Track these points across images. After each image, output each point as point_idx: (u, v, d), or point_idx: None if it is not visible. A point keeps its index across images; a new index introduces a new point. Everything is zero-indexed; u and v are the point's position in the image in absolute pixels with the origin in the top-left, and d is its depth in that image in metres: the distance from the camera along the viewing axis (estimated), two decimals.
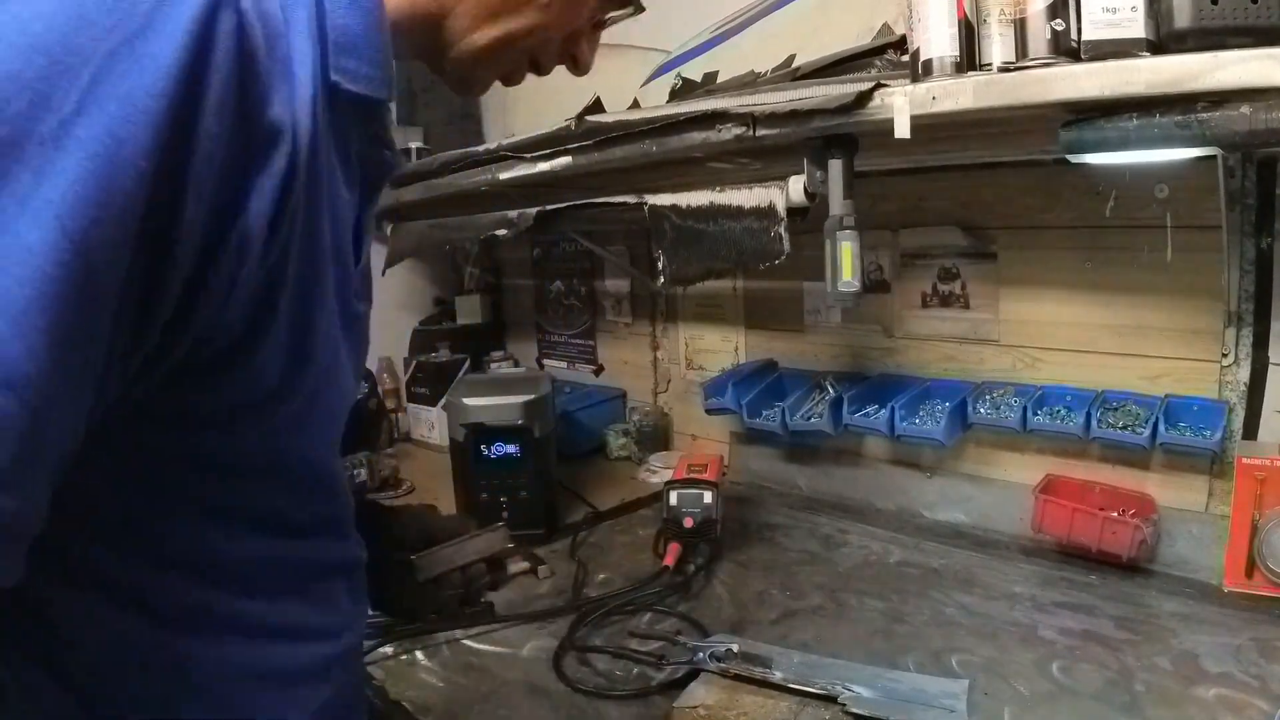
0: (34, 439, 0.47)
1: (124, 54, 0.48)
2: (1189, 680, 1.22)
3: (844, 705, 1.09)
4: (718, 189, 1.45)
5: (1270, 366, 1.44)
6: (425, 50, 0.78)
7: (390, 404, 2.74)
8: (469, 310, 2.99)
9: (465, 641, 1.45)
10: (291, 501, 0.72)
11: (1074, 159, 1.02)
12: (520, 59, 0.82)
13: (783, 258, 1.38)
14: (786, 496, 2.11)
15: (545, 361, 2.92)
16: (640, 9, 0.90)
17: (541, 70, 0.85)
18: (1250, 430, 1.48)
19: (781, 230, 1.37)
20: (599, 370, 2.73)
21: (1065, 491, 1.65)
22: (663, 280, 1.59)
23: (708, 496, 1.71)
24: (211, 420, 0.62)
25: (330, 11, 0.63)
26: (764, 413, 1.98)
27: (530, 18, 0.77)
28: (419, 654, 1.41)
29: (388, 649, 1.41)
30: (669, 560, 1.64)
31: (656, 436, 2.49)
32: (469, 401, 1.84)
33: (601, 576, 1.69)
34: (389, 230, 2.50)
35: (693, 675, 1.22)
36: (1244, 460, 1.42)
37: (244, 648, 0.70)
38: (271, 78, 0.55)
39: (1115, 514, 1.55)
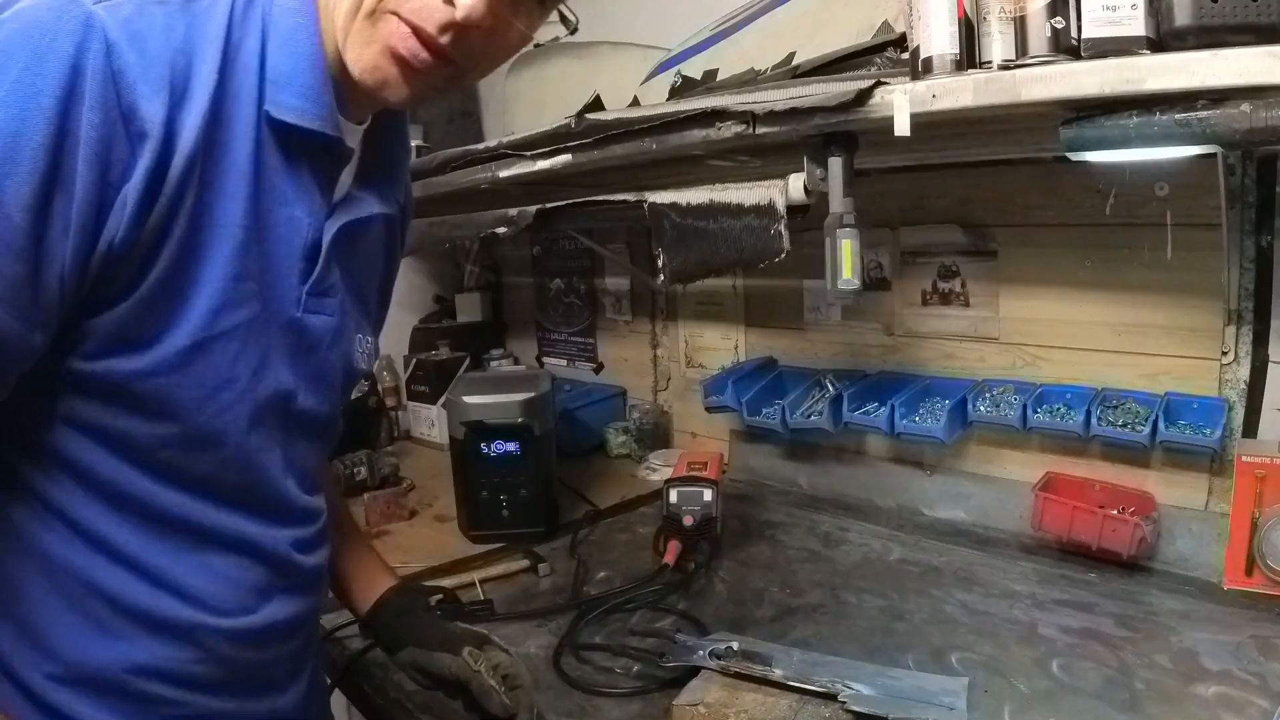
0: None
1: (21, 79, 0.66)
2: (1189, 678, 1.21)
3: (844, 703, 1.08)
4: (718, 187, 1.45)
5: (1270, 364, 1.44)
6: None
7: (390, 402, 2.74)
8: (469, 308, 2.99)
9: None
10: (192, 461, 0.83)
11: (1074, 157, 1.02)
12: (388, 24, 0.81)
13: (783, 255, 1.37)
14: (786, 494, 2.11)
15: (545, 359, 2.92)
16: None
17: (422, 31, 0.81)
18: (1250, 428, 1.48)
19: (781, 228, 1.37)
20: (599, 368, 2.73)
21: (1065, 489, 1.65)
22: (663, 278, 1.58)
23: (708, 494, 1.71)
24: (105, 352, 0.76)
25: (270, 53, 0.81)
26: (764, 410, 1.98)
27: None
28: None
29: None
30: (669, 558, 1.64)
31: (656, 434, 2.49)
32: (468, 399, 1.84)
33: (601, 574, 1.69)
34: None
35: (692, 673, 1.22)
36: (1244, 458, 1.42)
37: (108, 573, 0.82)
38: (137, 96, 0.71)
39: (1115, 512, 1.55)
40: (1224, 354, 1.49)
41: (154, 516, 0.82)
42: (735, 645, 1.21)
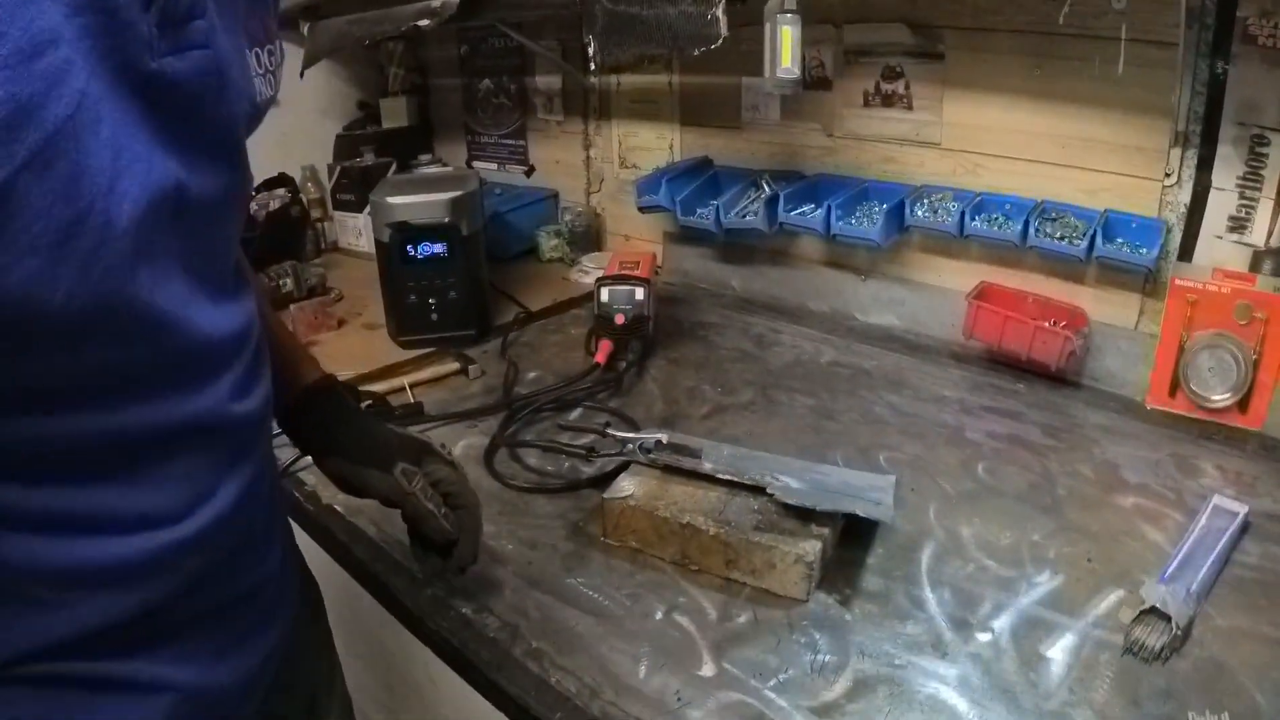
0: None
1: None
2: (1109, 488, 1.26)
3: (772, 495, 1.09)
4: None
5: (1212, 190, 1.42)
6: None
7: (316, 213, 2.63)
8: (394, 113, 2.84)
9: None
10: (53, 361, 0.55)
11: None
12: None
13: (720, 41, 1.31)
14: (720, 297, 2.10)
15: (475, 163, 2.81)
16: None
17: None
18: (1186, 252, 1.47)
19: (719, 12, 1.30)
20: (530, 171, 2.64)
21: (999, 299, 1.65)
22: (593, 67, 1.51)
23: (639, 293, 1.69)
24: None
25: None
26: (698, 210, 1.93)
27: None
28: None
29: None
30: (600, 357, 1.63)
31: (589, 237, 2.45)
32: (393, 200, 1.76)
33: (532, 375, 1.68)
34: (305, 30, 2.34)
35: (623, 468, 1.22)
36: (1178, 281, 1.43)
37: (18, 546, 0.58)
38: None
39: (1047, 324, 1.56)
40: (1167, 175, 1.47)
41: (35, 455, 0.58)
42: (664, 439, 1.20)
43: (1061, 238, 1.53)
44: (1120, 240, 1.50)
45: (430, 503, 0.95)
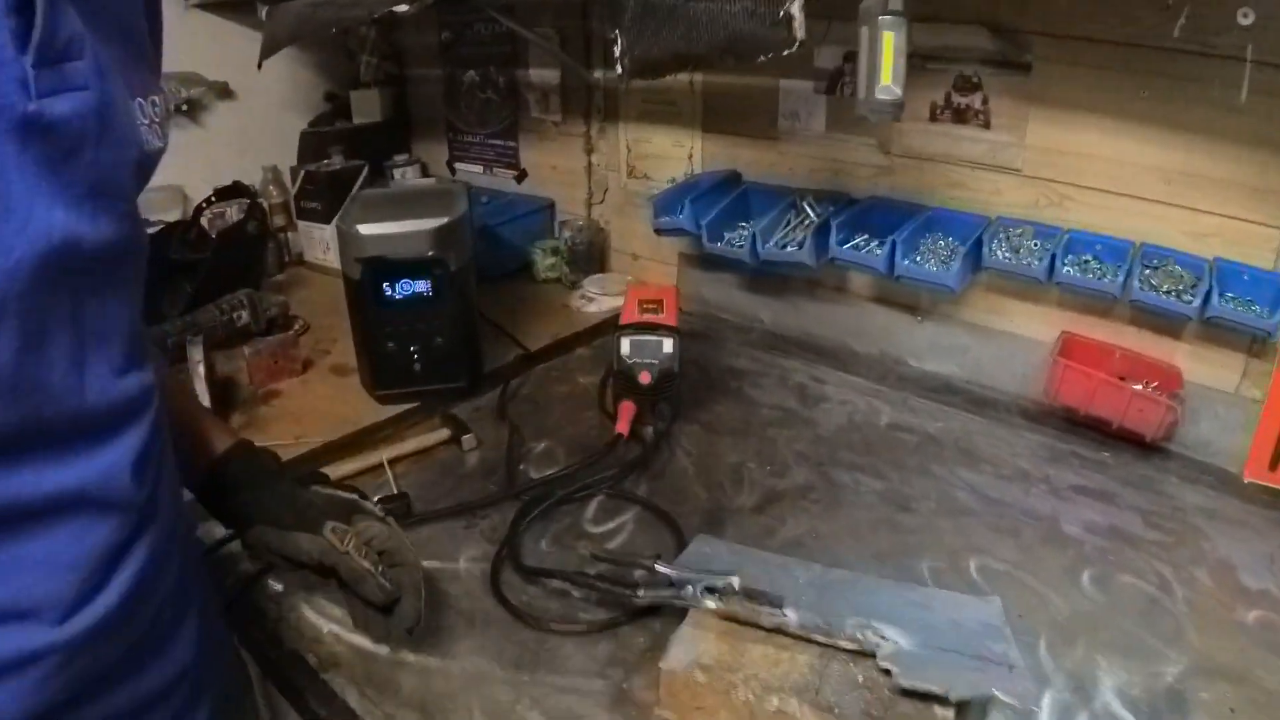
0: None
1: None
2: (1229, 600, 1.06)
3: (884, 666, 0.82)
4: None
5: None
6: None
7: (279, 220, 2.33)
8: (366, 107, 2.55)
9: None
10: None
11: None
12: None
13: (794, 47, 1.04)
14: (747, 332, 1.83)
15: (457, 165, 2.53)
16: None
17: None
18: None
19: (794, 10, 1.03)
20: (521, 176, 2.35)
21: (1083, 355, 1.43)
22: (621, 69, 1.24)
23: (668, 345, 1.41)
24: None
25: None
26: (728, 236, 1.67)
27: None
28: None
29: (277, 585, 1.09)
30: (622, 425, 1.36)
31: (591, 255, 2.16)
32: (364, 230, 1.45)
33: (541, 447, 1.40)
34: (263, 13, 2.04)
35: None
36: None
37: None
38: None
39: (1141, 387, 1.36)
40: None
41: None
42: (736, 583, 0.92)
43: (1168, 291, 1.29)
44: (1231, 295, 1.27)
45: (366, 561, 0.88)
